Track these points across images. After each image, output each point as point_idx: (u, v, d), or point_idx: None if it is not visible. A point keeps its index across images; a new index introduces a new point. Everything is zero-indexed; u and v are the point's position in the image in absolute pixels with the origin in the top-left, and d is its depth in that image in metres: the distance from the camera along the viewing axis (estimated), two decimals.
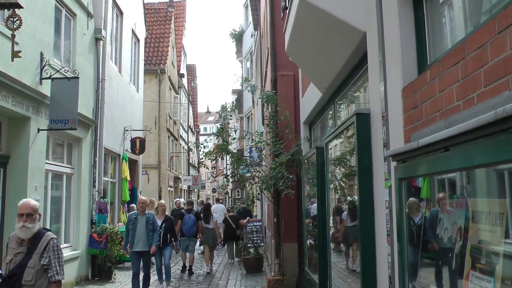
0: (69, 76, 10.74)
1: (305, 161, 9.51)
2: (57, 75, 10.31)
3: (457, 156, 2.56)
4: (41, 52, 9.90)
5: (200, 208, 16.31)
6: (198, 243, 14.46)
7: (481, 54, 2.48)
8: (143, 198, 10.61)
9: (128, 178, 16.19)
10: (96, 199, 13.02)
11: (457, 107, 2.75)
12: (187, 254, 13.67)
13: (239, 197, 32.95)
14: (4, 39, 8.50)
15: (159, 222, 10.74)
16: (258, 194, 14.44)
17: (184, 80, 36.01)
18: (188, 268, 13.67)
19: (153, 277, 11.43)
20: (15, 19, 8.39)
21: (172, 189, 29.95)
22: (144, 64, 21.42)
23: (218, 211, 18.32)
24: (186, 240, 13.34)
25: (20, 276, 4.53)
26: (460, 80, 2.72)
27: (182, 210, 14.16)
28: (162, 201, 12.77)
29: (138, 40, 19.18)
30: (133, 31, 18.13)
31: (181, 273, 13.69)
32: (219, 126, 13.02)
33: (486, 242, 2.34)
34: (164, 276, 11.23)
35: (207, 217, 14.29)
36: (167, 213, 12.53)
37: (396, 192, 3.58)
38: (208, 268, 13.96)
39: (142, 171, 20.70)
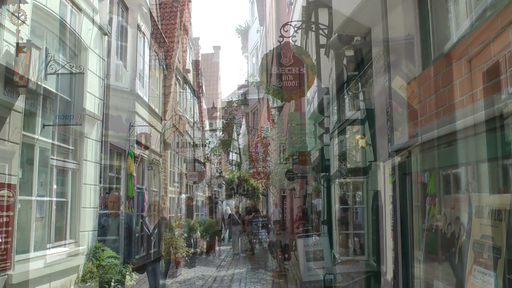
0: (74, 71, 10.74)
1: (311, 156, 9.51)
2: (62, 71, 10.32)
3: (460, 151, 2.55)
4: (46, 48, 9.90)
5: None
6: None
7: (484, 50, 2.46)
8: (116, 194, 7.73)
9: (134, 174, 16.22)
10: (101, 195, 13.04)
11: (460, 102, 2.74)
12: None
13: (245, 192, 32.99)
14: (8, 34, 8.51)
15: (151, 227, 8.05)
16: (264, 190, 14.56)
17: (190, 76, 35.96)
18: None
19: None
20: (20, 14, 8.40)
21: (177, 184, 29.97)
22: (150, 60, 21.43)
23: (229, 205, 19.62)
24: None
25: None
26: (463, 76, 2.71)
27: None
28: (156, 198, 9.04)
29: (144, 35, 19.18)
30: (138, 26, 18.11)
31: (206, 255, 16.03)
32: (224, 121, 13.02)
33: (489, 237, 2.33)
34: None
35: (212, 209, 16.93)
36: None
37: (400, 187, 3.57)
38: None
39: (148, 167, 20.73)
